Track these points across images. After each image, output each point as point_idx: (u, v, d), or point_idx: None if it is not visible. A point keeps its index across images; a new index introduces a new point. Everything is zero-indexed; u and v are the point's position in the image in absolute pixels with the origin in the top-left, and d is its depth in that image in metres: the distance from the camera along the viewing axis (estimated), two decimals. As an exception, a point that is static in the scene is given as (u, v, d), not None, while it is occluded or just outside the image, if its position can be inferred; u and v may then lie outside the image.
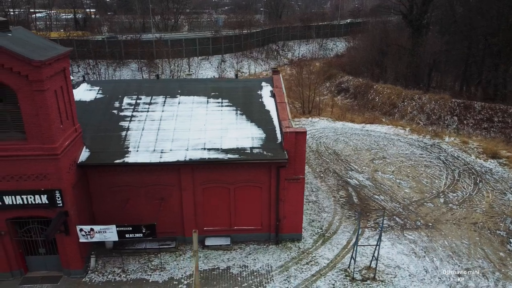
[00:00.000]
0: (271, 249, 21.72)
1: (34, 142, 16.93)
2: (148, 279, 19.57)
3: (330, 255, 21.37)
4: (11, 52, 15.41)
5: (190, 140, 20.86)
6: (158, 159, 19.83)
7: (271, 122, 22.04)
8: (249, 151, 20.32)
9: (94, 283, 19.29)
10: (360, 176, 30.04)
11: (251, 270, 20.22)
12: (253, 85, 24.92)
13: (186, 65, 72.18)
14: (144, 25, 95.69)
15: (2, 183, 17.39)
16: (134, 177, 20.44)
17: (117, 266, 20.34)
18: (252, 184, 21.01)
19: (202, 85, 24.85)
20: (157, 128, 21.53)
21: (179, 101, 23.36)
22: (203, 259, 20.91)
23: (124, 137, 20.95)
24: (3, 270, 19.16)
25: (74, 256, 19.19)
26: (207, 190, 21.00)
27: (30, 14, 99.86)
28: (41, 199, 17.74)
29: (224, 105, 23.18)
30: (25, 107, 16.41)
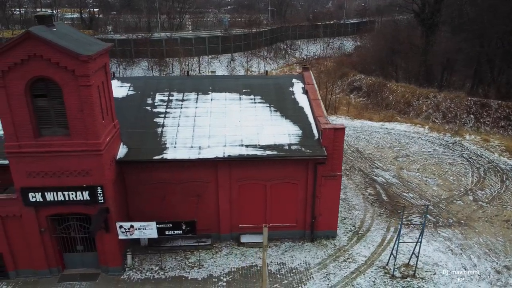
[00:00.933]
0: (306, 247, 21.58)
1: (78, 138, 16.78)
2: (187, 276, 19.42)
3: (366, 253, 21.23)
4: (59, 46, 15.26)
5: (227, 136, 20.71)
6: (197, 155, 19.68)
7: (306, 119, 21.90)
8: (287, 147, 20.18)
9: (133, 280, 19.14)
10: (386, 174, 29.90)
11: (289, 267, 20.08)
12: (284, 82, 24.76)
13: (196, 63, 71.96)
14: (149, 24, 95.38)
15: (45, 179, 17.24)
16: (171, 174, 20.30)
17: (154, 264, 20.19)
18: (288, 180, 20.87)
19: (233, 81, 24.71)
20: (192, 125, 21.38)
21: (212, 98, 23.21)
22: (239, 257, 20.76)
23: (160, 133, 20.80)
24: (42, 268, 19.01)
25: (113, 253, 19.03)
26: (243, 187, 20.86)
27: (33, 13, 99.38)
28: (83, 196, 17.59)
29: (257, 101, 23.02)
30: (70, 102, 16.27)
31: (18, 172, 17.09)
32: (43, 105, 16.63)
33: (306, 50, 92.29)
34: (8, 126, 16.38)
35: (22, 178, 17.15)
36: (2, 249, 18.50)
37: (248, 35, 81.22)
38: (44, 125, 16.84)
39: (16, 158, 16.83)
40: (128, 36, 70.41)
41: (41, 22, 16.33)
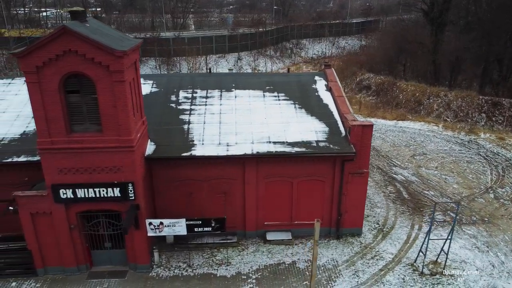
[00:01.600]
0: (333, 244, 21.50)
1: (110, 134, 16.69)
2: (216, 273, 19.34)
3: (393, 250, 21.16)
4: (94, 42, 15.17)
5: (254, 133, 20.63)
6: (225, 152, 19.61)
7: (331, 116, 21.83)
8: (315, 144, 20.11)
9: (161, 277, 19.05)
10: (405, 172, 29.83)
11: (317, 264, 19.99)
12: (306, 79, 24.69)
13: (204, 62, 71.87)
14: (153, 24, 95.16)
15: (76, 175, 17.15)
16: (198, 171, 20.22)
17: (182, 261, 20.11)
18: (315, 178, 20.80)
19: (256, 79, 24.64)
20: (218, 122, 21.30)
21: (236, 95, 23.13)
22: (266, 254, 20.69)
23: (187, 130, 20.72)
24: (70, 265, 18.94)
25: (142, 251, 18.95)
26: (270, 184, 20.78)
27: (37, 12, 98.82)
28: (114, 192, 17.49)
29: (281, 99, 22.95)
30: (104, 98, 16.18)
31: (49, 169, 16.99)
32: (76, 101, 16.54)
33: (312, 50, 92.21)
34: (41, 122, 16.29)
35: (53, 175, 17.05)
36: (32, 246, 18.40)
37: (255, 34, 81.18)
38: (76, 121, 16.74)
39: (48, 155, 16.73)
40: (135, 36, 70.27)
41: (75, 18, 16.26)
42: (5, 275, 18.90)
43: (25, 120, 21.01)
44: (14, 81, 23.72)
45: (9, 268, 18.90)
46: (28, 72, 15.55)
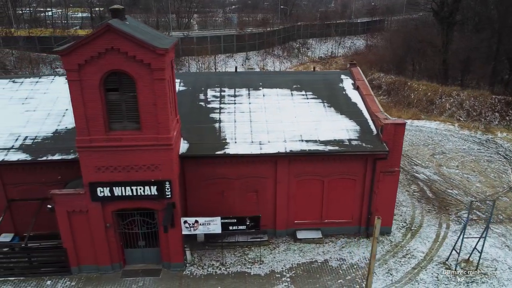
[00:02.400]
0: (363, 242, 21.50)
1: (149, 132, 16.67)
2: (249, 272, 19.34)
3: (423, 249, 21.17)
4: (137, 40, 15.16)
5: (286, 132, 20.63)
6: (259, 150, 19.60)
7: (361, 114, 21.84)
8: (347, 143, 20.11)
9: (196, 276, 19.05)
10: (426, 171, 29.83)
11: (349, 263, 20.01)
12: (333, 78, 24.69)
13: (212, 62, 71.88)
14: (158, 23, 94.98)
15: (113, 174, 17.14)
16: (230, 169, 20.21)
17: (214, 259, 20.10)
18: (346, 176, 20.80)
19: (282, 77, 24.64)
20: (249, 120, 21.30)
21: (264, 94, 23.13)
22: (298, 252, 20.69)
23: (219, 128, 20.72)
24: (104, 263, 18.92)
25: (176, 249, 18.94)
26: (301, 182, 20.78)
27: (40, 12, 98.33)
28: (151, 191, 17.47)
29: (309, 97, 22.96)
30: (144, 96, 16.16)
31: (87, 167, 16.97)
32: (115, 99, 16.52)
33: (319, 49, 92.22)
34: (81, 120, 16.28)
35: (91, 173, 17.04)
36: (67, 244, 18.39)
37: (262, 34, 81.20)
38: (115, 119, 16.72)
39: (87, 153, 16.72)
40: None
41: (116, 16, 16.23)
42: (40, 274, 18.87)
43: (56, 119, 21.00)
44: (41, 80, 23.70)
45: (43, 266, 18.87)
46: (70, 70, 15.53)
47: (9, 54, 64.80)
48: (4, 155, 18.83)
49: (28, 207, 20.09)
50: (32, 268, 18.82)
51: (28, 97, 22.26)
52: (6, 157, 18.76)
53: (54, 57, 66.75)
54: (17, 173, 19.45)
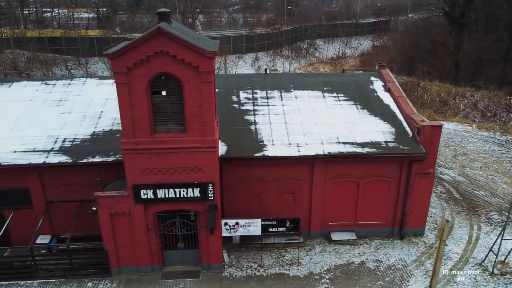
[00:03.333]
0: (397, 244, 21.59)
1: (194, 134, 16.74)
2: (288, 273, 19.42)
3: (458, 250, 21.25)
4: (187, 43, 15.24)
5: (321, 134, 20.72)
6: (297, 152, 19.68)
7: (395, 116, 21.93)
8: (384, 145, 20.20)
9: (235, 278, 19.13)
10: (451, 172, 29.92)
11: (386, 264, 20.09)
12: (363, 79, 24.77)
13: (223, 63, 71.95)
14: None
15: (157, 176, 17.20)
16: (266, 171, 20.31)
17: (252, 261, 20.18)
18: (381, 178, 20.89)
19: (312, 79, 24.72)
20: (284, 122, 21.38)
21: (296, 96, 23.21)
22: (334, 254, 20.77)
23: (255, 131, 20.80)
24: (145, 265, 19.00)
25: (216, 251, 19.00)
26: (336, 184, 20.87)
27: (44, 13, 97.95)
28: (193, 193, 17.54)
29: (341, 99, 23.03)
30: (190, 98, 16.23)
31: (132, 169, 17.04)
32: (160, 101, 16.60)
33: (326, 50, 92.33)
34: (127, 122, 16.34)
35: (135, 175, 17.11)
36: (109, 246, 18.45)
37: (271, 34, 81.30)
38: (160, 121, 16.78)
39: (132, 155, 16.78)
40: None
41: (162, 19, 16.30)
42: (80, 275, 18.94)
43: (92, 121, 21.06)
44: (73, 82, 23.78)
45: (84, 268, 18.93)
46: (119, 73, 15.60)
47: (21, 55, 64.85)
48: (45, 157, 18.89)
49: (65, 209, 20.16)
50: (73, 270, 18.86)
51: (62, 99, 22.33)
52: (47, 159, 18.82)
53: (65, 57, 66.97)
54: (56, 175, 19.52)
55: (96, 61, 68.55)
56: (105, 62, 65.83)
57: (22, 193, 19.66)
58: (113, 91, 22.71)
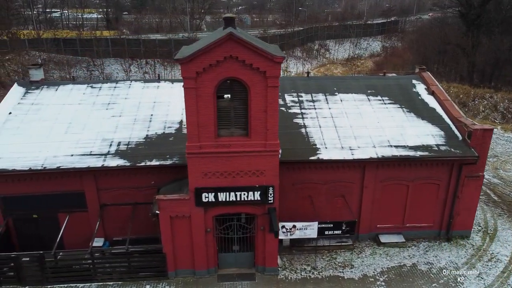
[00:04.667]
0: (445, 246, 21.74)
1: (257, 139, 16.88)
2: (343, 276, 19.56)
3: (506, 252, 21.41)
4: (257, 48, 15.39)
5: (372, 137, 20.86)
6: (350, 156, 19.83)
7: (442, 120, 22.08)
8: (436, 148, 20.34)
9: (291, 280, 19.27)
10: (485, 174, 29.96)
11: (438, 267, 20.24)
12: (405, 82, 24.91)
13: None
14: (171, 25, 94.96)
15: (219, 179, 17.34)
16: (318, 174, 20.45)
17: (304, 263, 20.32)
18: (431, 181, 21.04)
19: (355, 82, 24.86)
20: (333, 125, 21.51)
21: (341, 99, 23.35)
22: (384, 256, 20.91)
23: (306, 134, 20.93)
24: (201, 268, 19.13)
25: (272, 253, 19.12)
26: (386, 187, 21.01)
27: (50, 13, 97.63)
28: (254, 196, 17.68)
29: (386, 102, 23.18)
30: (255, 103, 16.37)
31: (194, 173, 17.19)
32: (225, 105, 16.75)
33: (337, 51, 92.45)
34: (193, 126, 16.48)
35: (197, 179, 17.25)
36: (167, 249, 18.58)
37: (283, 35, 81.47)
38: (223, 125, 16.93)
39: (196, 159, 16.93)
40: (170, 37, 70.51)
41: (229, 24, 16.42)
42: (138, 278, 19.06)
43: (144, 124, 21.19)
44: (118, 85, 23.89)
45: (141, 270, 19.05)
46: (188, 78, 15.74)
47: (37, 56, 64.90)
48: (103, 161, 19.01)
49: (117, 212, 20.30)
50: (131, 273, 18.97)
51: (110, 102, 22.45)
52: (104, 162, 18.94)
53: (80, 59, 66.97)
54: (111, 178, 19.64)
55: (111, 62, 68.58)
56: (121, 64, 65.99)
57: (77, 197, 19.80)
58: (160, 94, 23.01)
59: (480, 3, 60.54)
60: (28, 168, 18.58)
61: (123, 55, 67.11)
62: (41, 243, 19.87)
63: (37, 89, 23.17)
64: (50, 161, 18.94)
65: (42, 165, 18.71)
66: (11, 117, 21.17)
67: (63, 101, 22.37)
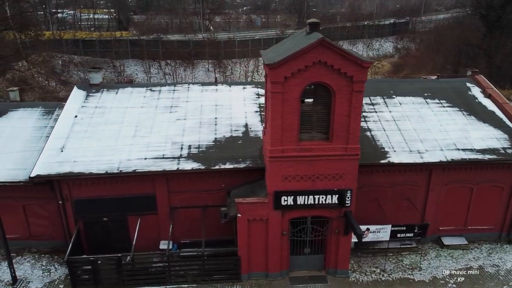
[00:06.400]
0: (507, 248, 21.89)
1: (339, 142, 17.02)
2: (413, 278, 19.71)
3: None
4: (347, 53, 15.55)
5: (438, 140, 21.02)
6: (420, 159, 20.00)
7: (503, 123, 22.27)
8: (503, 151, 20.52)
9: (363, 282, 19.41)
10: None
11: (505, 269, 20.40)
12: (459, 86, 25.08)
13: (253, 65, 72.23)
14: (181, 25, 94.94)
15: (299, 183, 17.49)
16: (386, 177, 20.59)
17: (372, 266, 20.46)
18: (496, 184, 21.21)
19: (410, 85, 25.03)
20: (397, 129, 21.67)
21: (399, 102, 23.50)
22: (449, 258, 21.07)
23: (372, 137, 21.08)
24: (274, 270, 19.26)
25: (345, 256, 19.26)
26: (451, 190, 21.18)
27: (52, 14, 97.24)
28: (332, 199, 17.82)
29: (445, 105, 23.35)
30: (340, 107, 16.51)
31: (275, 176, 17.33)
32: (308, 110, 16.90)
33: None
34: (277, 131, 16.61)
35: (277, 182, 17.39)
36: (242, 252, 18.71)
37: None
38: (305, 129, 17.07)
39: (278, 163, 17.07)
40: (189, 38, 70.61)
41: (314, 29, 16.60)
42: (211, 281, 19.19)
43: (210, 127, 21.30)
44: (177, 88, 24.00)
45: (215, 273, 19.18)
46: (276, 83, 15.87)
47: (57, 58, 64.92)
48: (177, 164, 19.13)
49: (185, 215, 20.43)
50: (205, 275, 19.10)
51: (172, 106, 22.59)
52: (179, 166, 19.06)
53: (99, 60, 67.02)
54: (183, 181, 19.76)
55: (130, 64, 68.70)
56: (142, 65, 66.11)
57: (148, 199, 19.92)
58: (219, 97, 23.20)
59: (501, 4, 60.81)
60: (104, 171, 18.71)
61: (142, 56, 67.22)
62: (109, 246, 20.02)
63: (97, 92, 23.27)
64: (125, 164, 19.06)
65: (118, 168, 18.84)
66: (77, 120, 21.28)
67: (125, 104, 22.49)
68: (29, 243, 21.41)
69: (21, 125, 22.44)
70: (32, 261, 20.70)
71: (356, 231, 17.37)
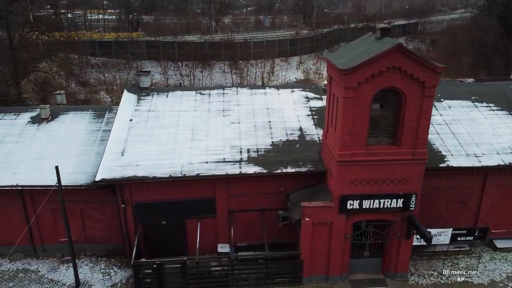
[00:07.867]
0: (560, 251, 22.03)
1: (407, 147, 17.15)
2: (472, 281, 19.83)
3: None
4: (420, 59, 15.68)
5: (493, 144, 21.16)
6: (478, 163, 20.14)
7: (554, 126, 22.38)
8: (558, 154, 20.64)
9: (422, 285, 19.54)
10: None
11: (560, 271, 20.53)
12: (503, 89, 25.16)
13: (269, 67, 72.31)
14: (188, 26, 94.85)
15: (366, 187, 17.62)
16: (441, 181, 20.71)
17: (429, 269, 20.58)
18: (549, 186, 21.34)
19: (456, 88, 25.18)
20: (450, 132, 21.84)
21: (448, 105, 23.62)
22: (504, 261, 21.23)
23: (428, 141, 21.11)
24: (335, 273, 19.39)
25: (405, 259, 19.37)
26: (504, 193, 21.31)
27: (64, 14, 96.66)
28: (396, 203, 17.94)
29: (494, 109, 23.49)
30: (409, 112, 16.64)
31: (342, 180, 17.46)
32: (377, 114, 17.02)
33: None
34: (347, 135, 16.74)
35: (344, 186, 17.52)
36: (305, 255, 18.82)
37: (313, 37, 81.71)
38: (372, 134, 17.19)
39: (346, 167, 17.20)
40: (205, 39, 70.69)
41: (385, 34, 16.75)
42: (273, 284, 19.29)
43: (265, 131, 21.40)
44: (226, 91, 24.10)
45: (277, 276, 19.29)
46: (349, 88, 16.00)
47: (74, 59, 64.86)
48: (239, 168, 19.24)
49: (243, 218, 20.53)
50: (267, 278, 19.21)
51: (224, 109, 22.69)
52: (241, 169, 19.17)
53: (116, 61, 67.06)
54: (242, 185, 19.85)
55: (147, 65, 68.69)
56: (159, 66, 66.14)
57: (207, 203, 20.03)
58: (270, 101, 23.34)
59: (517, 6, 60.97)
60: (168, 175, 18.80)
61: (158, 57, 67.28)
62: (167, 249, 20.14)
63: (148, 95, 23.37)
64: (187, 168, 19.16)
65: (181, 172, 18.93)
66: (133, 124, 21.36)
67: (177, 108, 22.60)
68: (84, 246, 21.49)
69: (74, 128, 22.54)
70: (90, 264, 20.78)
71: (425, 235, 17.46)
